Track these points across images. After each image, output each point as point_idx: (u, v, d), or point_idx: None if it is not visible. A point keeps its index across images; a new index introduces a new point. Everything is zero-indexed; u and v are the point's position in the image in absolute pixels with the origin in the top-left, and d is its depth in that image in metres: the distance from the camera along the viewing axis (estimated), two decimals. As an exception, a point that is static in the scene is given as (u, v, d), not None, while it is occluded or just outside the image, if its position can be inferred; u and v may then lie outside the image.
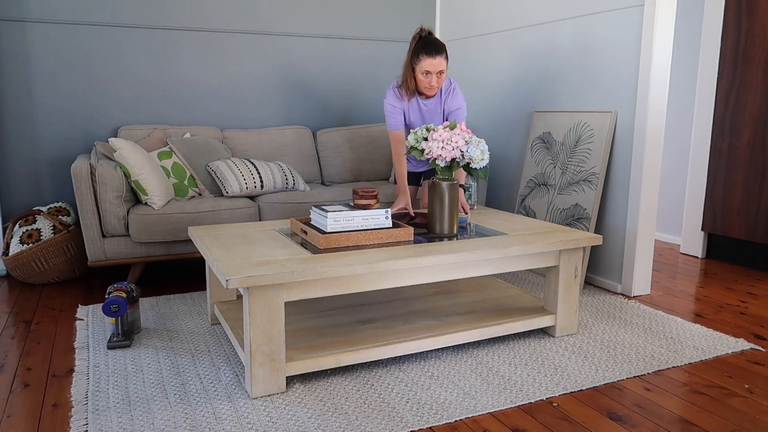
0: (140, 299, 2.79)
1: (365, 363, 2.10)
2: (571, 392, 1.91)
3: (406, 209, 2.71)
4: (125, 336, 2.26)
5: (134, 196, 2.98)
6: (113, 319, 2.25)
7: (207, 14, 3.60)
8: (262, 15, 3.75)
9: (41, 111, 3.30)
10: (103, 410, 1.78)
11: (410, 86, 2.72)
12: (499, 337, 2.35)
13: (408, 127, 2.88)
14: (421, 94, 2.75)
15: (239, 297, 2.56)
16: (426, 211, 2.81)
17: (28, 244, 2.98)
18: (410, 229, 2.18)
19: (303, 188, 3.33)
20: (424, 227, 2.41)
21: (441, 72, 2.63)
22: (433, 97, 2.77)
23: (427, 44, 2.60)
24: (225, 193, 3.13)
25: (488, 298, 2.51)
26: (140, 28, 3.46)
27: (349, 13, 4.01)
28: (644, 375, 2.04)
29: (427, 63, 2.59)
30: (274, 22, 3.80)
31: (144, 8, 3.45)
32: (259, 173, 3.19)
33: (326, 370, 2.04)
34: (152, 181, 2.84)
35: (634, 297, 2.89)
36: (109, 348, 2.22)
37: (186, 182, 3.13)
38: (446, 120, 2.88)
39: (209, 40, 3.63)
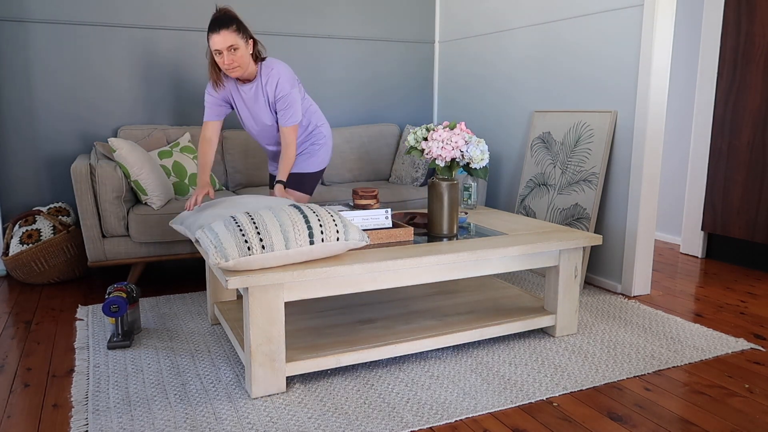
0: (140, 299, 2.79)
1: (365, 363, 2.11)
2: (571, 392, 1.91)
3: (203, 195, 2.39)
4: (125, 336, 2.26)
5: (134, 196, 2.98)
6: (113, 319, 2.25)
7: (207, 14, 3.60)
8: (261, 15, 3.75)
9: (41, 111, 3.30)
10: (104, 410, 1.78)
11: (214, 76, 2.48)
12: (499, 337, 2.35)
13: (246, 121, 2.63)
14: (237, 79, 2.50)
15: (239, 297, 2.56)
16: (425, 211, 2.81)
17: (28, 245, 2.98)
18: (410, 229, 2.18)
19: (303, 188, 3.33)
20: (424, 227, 2.41)
21: (231, 47, 2.33)
22: (250, 81, 2.50)
23: (212, 22, 2.34)
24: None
25: (488, 298, 2.51)
26: (140, 28, 3.46)
27: (348, 14, 4.01)
28: (644, 375, 2.04)
29: (213, 41, 2.33)
30: (274, 23, 3.79)
31: (144, 8, 3.45)
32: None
33: (326, 370, 2.04)
34: (152, 181, 2.84)
35: (634, 297, 2.89)
36: (109, 348, 2.22)
37: (187, 181, 3.13)
38: (275, 113, 2.57)
39: (209, 40, 3.63)
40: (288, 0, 3.81)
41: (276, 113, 2.57)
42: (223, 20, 2.33)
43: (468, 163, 2.24)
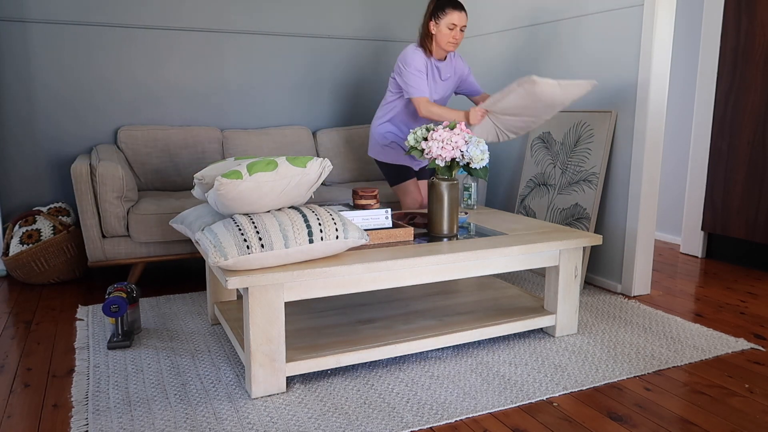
0: (140, 299, 2.79)
1: (365, 363, 2.11)
2: (571, 392, 1.91)
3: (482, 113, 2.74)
4: (125, 336, 2.26)
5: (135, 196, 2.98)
6: (113, 319, 2.25)
7: (207, 14, 3.60)
8: (262, 15, 3.75)
9: (41, 111, 3.30)
10: (104, 410, 1.78)
11: (429, 46, 2.83)
12: (499, 337, 2.35)
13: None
14: (436, 55, 2.88)
15: (239, 297, 2.57)
16: (425, 211, 2.81)
17: (28, 245, 2.98)
18: (410, 229, 2.18)
19: (303, 188, 3.33)
20: (424, 227, 2.41)
21: (463, 27, 2.79)
22: (444, 61, 2.92)
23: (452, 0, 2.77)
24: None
25: (488, 298, 2.51)
26: (140, 28, 3.46)
27: (348, 14, 4.01)
28: (644, 375, 2.04)
29: (455, 16, 2.75)
30: (274, 23, 3.79)
31: (144, 8, 3.45)
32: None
33: (326, 370, 2.04)
34: None
35: (634, 297, 2.89)
36: (109, 348, 2.22)
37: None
38: (457, 89, 3.05)
39: (209, 40, 3.63)
40: (288, 0, 3.81)
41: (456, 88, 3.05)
42: (460, 1, 2.84)
43: (468, 163, 2.24)
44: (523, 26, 3.47)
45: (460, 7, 2.77)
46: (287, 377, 1.99)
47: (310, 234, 1.83)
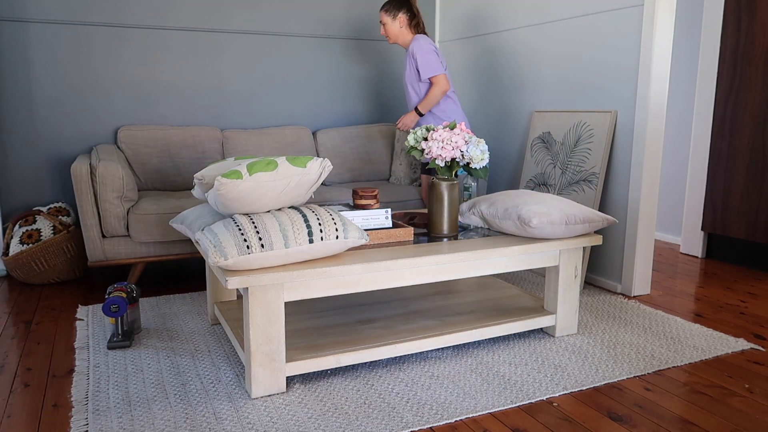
0: (140, 299, 2.79)
1: (365, 363, 2.11)
2: (571, 392, 1.91)
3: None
4: (125, 336, 2.26)
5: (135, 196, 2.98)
6: (113, 319, 2.25)
7: (207, 14, 3.60)
8: (262, 15, 3.75)
9: (41, 111, 3.30)
10: (104, 410, 1.78)
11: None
12: (499, 337, 2.35)
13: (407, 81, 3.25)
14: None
15: (239, 297, 2.57)
16: (425, 211, 2.81)
17: (28, 245, 2.98)
18: (410, 229, 2.18)
19: (303, 188, 3.33)
20: (424, 227, 2.41)
21: (381, 23, 3.23)
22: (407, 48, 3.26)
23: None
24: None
25: (488, 298, 2.51)
26: (140, 28, 3.46)
27: (348, 13, 4.01)
28: (644, 375, 2.04)
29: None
30: (274, 23, 3.79)
31: (144, 8, 3.45)
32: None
33: (326, 370, 2.04)
34: None
35: (634, 297, 2.89)
36: (109, 348, 2.22)
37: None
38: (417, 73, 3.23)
39: (209, 40, 3.63)
40: (288, 0, 3.81)
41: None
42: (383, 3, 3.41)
43: (468, 163, 2.24)
44: (523, 26, 3.47)
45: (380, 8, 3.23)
46: (287, 377, 1.99)
47: (310, 234, 1.83)
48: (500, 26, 3.66)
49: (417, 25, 3.23)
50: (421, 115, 3.18)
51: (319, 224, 1.86)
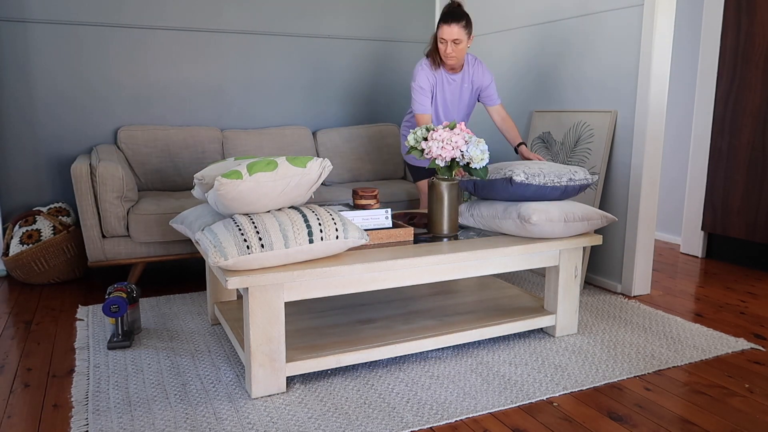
0: (140, 299, 2.79)
1: (365, 363, 2.11)
2: (571, 392, 1.91)
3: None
4: (125, 336, 2.26)
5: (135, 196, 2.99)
6: (113, 319, 2.25)
7: (207, 14, 3.60)
8: (262, 15, 3.75)
9: (41, 111, 3.30)
10: (104, 411, 1.78)
11: (435, 57, 2.83)
12: (500, 337, 2.35)
13: (439, 108, 2.94)
14: (445, 66, 2.85)
15: (239, 297, 2.57)
16: (426, 211, 2.81)
17: (28, 245, 2.98)
18: (410, 229, 2.18)
19: (303, 188, 3.33)
20: (424, 227, 2.41)
21: (455, 41, 2.69)
22: (458, 72, 2.87)
23: (445, 13, 2.70)
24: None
25: (488, 298, 2.51)
26: (140, 29, 3.46)
27: (348, 14, 4.01)
28: (644, 375, 2.04)
29: (444, 30, 2.68)
30: (274, 22, 3.79)
31: (144, 8, 3.45)
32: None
33: (326, 370, 2.04)
34: None
35: (634, 297, 2.89)
36: (109, 348, 2.22)
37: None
38: (479, 98, 2.99)
39: (209, 40, 3.63)
40: (288, 0, 3.81)
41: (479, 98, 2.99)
42: (458, 15, 2.68)
43: (468, 163, 2.24)
44: (523, 26, 3.47)
45: (450, 21, 2.66)
46: (287, 377, 1.99)
47: (310, 234, 1.83)
48: (500, 26, 3.66)
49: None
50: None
51: (319, 224, 1.86)
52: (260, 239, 1.76)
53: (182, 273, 3.33)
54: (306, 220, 1.85)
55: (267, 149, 3.62)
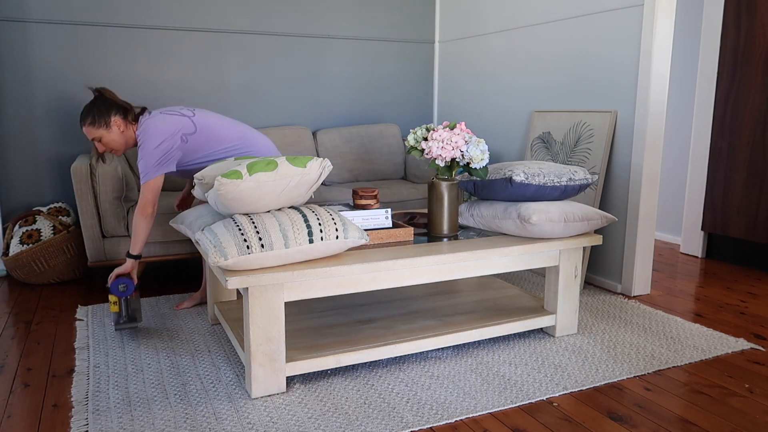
0: (140, 299, 2.79)
1: (365, 363, 2.11)
2: (571, 392, 1.91)
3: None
4: (131, 319, 2.27)
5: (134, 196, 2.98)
6: (117, 302, 2.26)
7: (207, 14, 3.60)
8: (261, 15, 3.75)
9: (41, 111, 3.30)
10: (104, 410, 1.78)
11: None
12: (499, 337, 2.35)
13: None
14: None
15: (239, 297, 2.56)
16: (425, 211, 2.81)
17: (28, 245, 2.98)
18: (410, 229, 2.18)
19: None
20: (424, 227, 2.41)
21: (94, 139, 2.39)
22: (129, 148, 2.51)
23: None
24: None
25: (488, 298, 2.51)
26: (140, 28, 3.46)
27: (348, 14, 4.01)
28: (644, 375, 2.04)
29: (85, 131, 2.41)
30: (274, 23, 3.79)
31: (144, 8, 3.45)
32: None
33: (326, 370, 2.04)
34: None
35: (634, 297, 2.89)
36: (116, 330, 2.24)
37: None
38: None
39: (209, 40, 3.63)
40: (288, 0, 3.81)
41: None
42: (82, 116, 2.39)
43: (468, 163, 2.24)
44: (523, 26, 3.47)
45: (80, 122, 2.41)
46: (287, 377, 1.99)
47: (310, 234, 1.83)
48: (500, 26, 3.66)
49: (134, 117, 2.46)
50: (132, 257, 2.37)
51: (319, 224, 1.86)
52: (260, 239, 1.76)
53: (182, 273, 3.33)
54: (306, 220, 1.85)
55: (267, 149, 3.61)
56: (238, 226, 1.79)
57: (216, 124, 2.48)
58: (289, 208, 1.95)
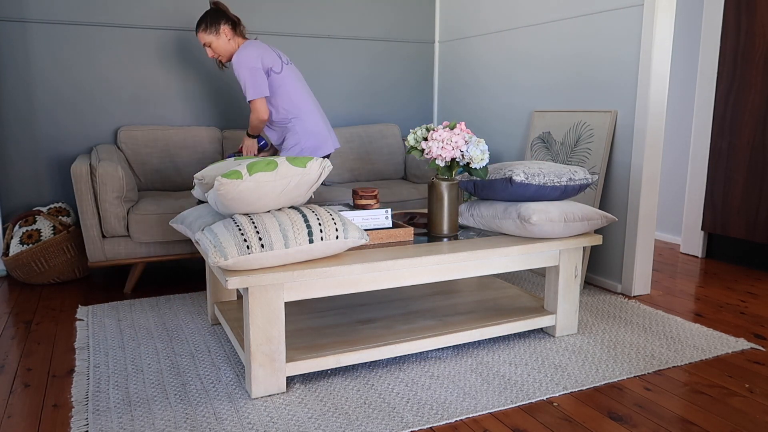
0: (140, 299, 2.79)
1: (365, 363, 2.11)
2: (571, 392, 1.91)
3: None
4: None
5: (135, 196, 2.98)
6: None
7: (207, 14, 3.60)
8: (261, 15, 3.75)
9: (41, 111, 3.30)
10: (104, 411, 1.78)
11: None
12: (500, 337, 2.35)
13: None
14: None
15: (239, 297, 2.56)
16: (425, 211, 2.81)
17: (28, 245, 2.98)
18: (410, 229, 2.18)
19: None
20: (424, 227, 2.41)
21: (205, 44, 2.81)
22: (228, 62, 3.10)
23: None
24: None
25: (488, 298, 2.51)
26: (140, 28, 3.46)
27: (347, 13, 4.01)
28: (644, 375, 2.04)
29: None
30: (273, 22, 3.79)
31: (144, 8, 3.44)
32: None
33: (326, 370, 2.04)
34: None
35: (634, 297, 2.89)
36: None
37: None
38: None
39: (209, 40, 3.62)
40: (288, 0, 3.81)
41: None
42: (197, 22, 2.82)
43: (468, 163, 2.24)
44: (523, 26, 3.47)
45: (195, 29, 2.86)
46: (287, 377, 1.99)
47: (310, 234, 1.83)
48: (500, 26, 3.66)
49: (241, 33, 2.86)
50: (252, 136, 2.90)
51: (319, 224, 1.86)
52: (260, 239, 1.76)
53: (182, 273, 3.33)
54: (306, 220, 1.85)
55: (267, 149, 3.61)
56: (238, 226, 1.79)
57: (289, 85, 2.86)
58: (289, 208, 1.95)
